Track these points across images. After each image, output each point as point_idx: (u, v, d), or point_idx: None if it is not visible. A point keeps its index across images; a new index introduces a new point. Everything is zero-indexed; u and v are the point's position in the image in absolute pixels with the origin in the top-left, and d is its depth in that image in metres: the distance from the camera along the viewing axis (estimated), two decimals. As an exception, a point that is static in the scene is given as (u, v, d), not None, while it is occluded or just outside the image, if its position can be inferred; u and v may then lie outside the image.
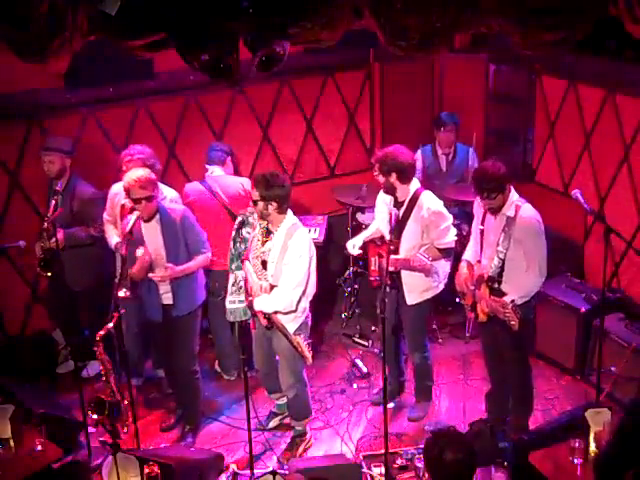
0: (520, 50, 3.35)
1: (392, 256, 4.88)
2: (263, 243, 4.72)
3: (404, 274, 5.10)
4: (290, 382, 4.97)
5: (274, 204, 4.60)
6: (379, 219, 5.33)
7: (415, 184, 5.08)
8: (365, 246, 5.38)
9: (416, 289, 5.13)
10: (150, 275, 4.78)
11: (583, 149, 6.33)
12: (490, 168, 4.60)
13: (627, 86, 5.75)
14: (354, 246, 5.33)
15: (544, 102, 6.69)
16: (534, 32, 3.13)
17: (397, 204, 5.09)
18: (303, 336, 4.79)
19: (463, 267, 4.93)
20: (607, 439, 3.72)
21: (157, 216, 4.86)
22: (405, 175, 4.99)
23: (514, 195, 4.68)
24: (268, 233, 4.72)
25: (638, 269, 5.82)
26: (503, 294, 4.65)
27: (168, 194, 5.40)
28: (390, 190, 5.06)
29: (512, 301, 4.50)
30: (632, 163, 5.86)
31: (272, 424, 5.40)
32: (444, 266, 5.19)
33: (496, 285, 4.71)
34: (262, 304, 4.64)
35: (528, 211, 4.63)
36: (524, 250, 4.62)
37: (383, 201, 5.24)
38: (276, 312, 4.67)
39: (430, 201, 5.03)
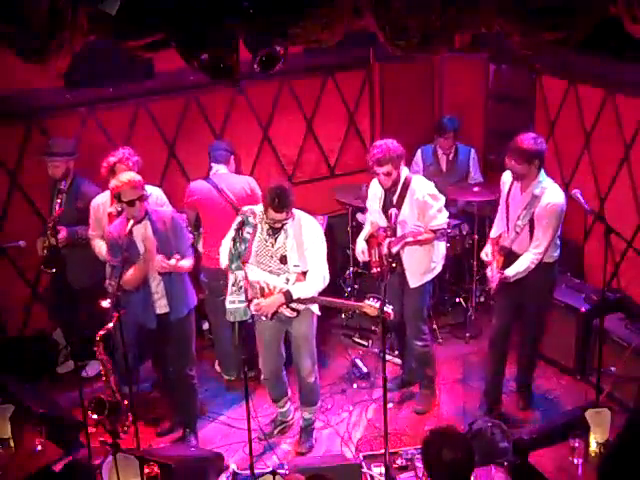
0: (520, 50, 3.35)
1: (388, 239, 4.98)
2: (274, 240, 4.79)
3: (405, 258, 5.18)
4: (310, 366, 5.08)
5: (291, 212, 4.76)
6: (373, 211, 5.37)
7: (405, 171, 5.16)
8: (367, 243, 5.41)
9: (417, 271, 5.22)
10: (160, 260, 4.73)
11: (583, 149, 6.33)
12: (527, 139, 4.85)
13: (627, 86, 5.75)
14: (363, 252, 5.35)
15: (544, 102, 6.69)
16: (534, 32, 3.14)
17: (389, 193, 5.17)
18: (372, 298, 4.75)
19: (487, 246, 5.24)
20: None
21: (146, 218, 4.83)
22: (403, 161, 5.14)
23: (543, 176, 4.96)
24: (274, 231, 4.77)
25: (638, 269, 5.81)
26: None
27: (153, 191, 5.42)
28: (396, 182, 5.11)
29: (502, 272, 4.91)
30: (632, 163, 5.85)
31: (276, 432, 5.40)
32: (440, 247, 5.31)
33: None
34: (302, 291, 4.75)
35: (556, 196, 4.88)
36: (536, 228, 4.90)
37: (374, 194, 5.32)
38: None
39: (423, 184, 5.15)
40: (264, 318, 4.87)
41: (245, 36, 3.31)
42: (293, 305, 4.81)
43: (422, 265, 5.24)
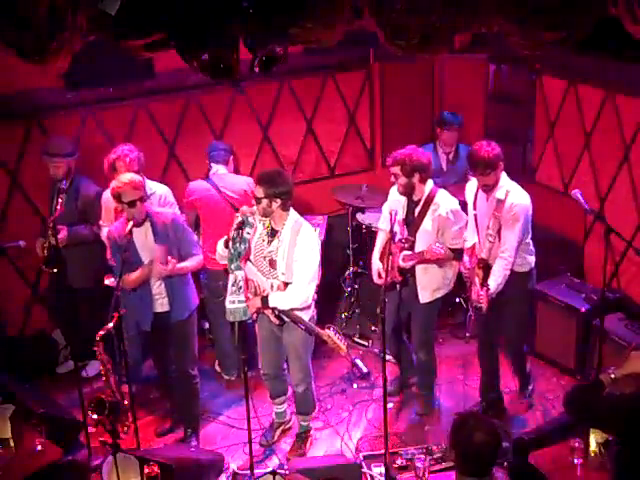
0: (520, 50, 3.35)
1: (404, 252, 4.93)
2: (269, 242, 4.74)
3: (418, 272, 5.11)
4: (300, 377, 5.02)
5: (278, 201, 4.61)
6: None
7: (430, 184, 5.10)
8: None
9: (429, 287, 5.15)
10: (158, 266, 4.76)
11: (583, 149, 6.33)
12: (483, 147, 4.80)
13: (627, 86, 5.75)
14: (380, 274, 5.23)
15: (544, 102, 6.69)
16: (534, 32, 3.14)
17: (412, 204, 5.10)
18: (332, 328, 4.80)
19: (465, 257, 5.13)
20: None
21: (147, 221, 4.84)
22: (426, 175, 5.05)
23: (505, 180, 4.88)
24: (274, 232, 4.73)
25: (638, 269, 5.82)
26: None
27: (158, 190, 5.42)
28: (409, 191, 5.04)
29: (487, 288, 4.83)
30: (632, 163, 5.85)
31: (276, 437, 5.38)
32: (455, 265, 5.22)
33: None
34: (278, 301, 4.68)
35: (520, 197, 4.85)
36: (502, 231, 4.84)
37: (397, 200, 5.17)
38: (292, 309, 4.70)
39: (448, 201, 5.07)
40: (273, 319, 4.84)
41: (245, 36, 3.31)
42: (277, 313, 4.75)
43: (435, 281, 5.15)
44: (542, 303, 5.79)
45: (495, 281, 4.87)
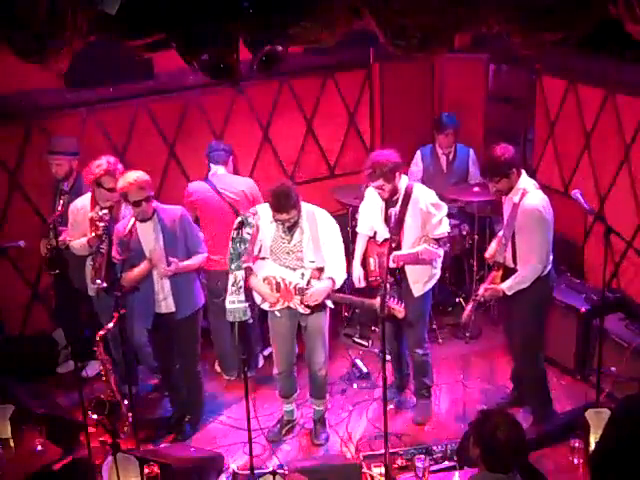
0: (520, 50, 3.35)
1: (395, 252, 4.92)
2: (291, 237, 4.84)
3: (408, 267, 5.11)
4: (323, 361, 5.12)
5: (296, 211, 4.77)
6: (373, 221, 5.27)
7: (404, 179, 5.09)
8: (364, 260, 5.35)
9: (420, 279, 5.15)
10: (162, 268, 4.80)
11: (583, 149, 6.33)
12: (496, 152, 4.71)
13: (627, 86, 5.75)
14: (359, 279, 5.28)
15: (544, 102, 6.69)
16: (534, 32, 3.14)
17: (389, 202, 5.08)
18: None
19: (492, 244, 5.10)
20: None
21: (154, 217, 4.85)
22: (401, 172, 5.05)
23: (524, 181, 4.77)
24: (290, 228, 4.82)
25: (638, 269, 5.82)
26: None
27: None
28: (394, 193, 5.01)
29: (473, 299, 4.90)
30: (632, 163, 5.86)
31: (284, 433, 5.37)
32: (439, 253, 5.20)
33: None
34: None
35: (531, 199, 4.70)
36: (523, 239, 4.74)
37: (375, 203, 5.18)
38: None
39: (425, 193, 5.08)
40: (303, 308, 4.90)
41: (245, 36, 3.31)
42: (307, 303, 4.85)
43: (425, 274, 5.14)
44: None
45: (509, 283, 4.77)
